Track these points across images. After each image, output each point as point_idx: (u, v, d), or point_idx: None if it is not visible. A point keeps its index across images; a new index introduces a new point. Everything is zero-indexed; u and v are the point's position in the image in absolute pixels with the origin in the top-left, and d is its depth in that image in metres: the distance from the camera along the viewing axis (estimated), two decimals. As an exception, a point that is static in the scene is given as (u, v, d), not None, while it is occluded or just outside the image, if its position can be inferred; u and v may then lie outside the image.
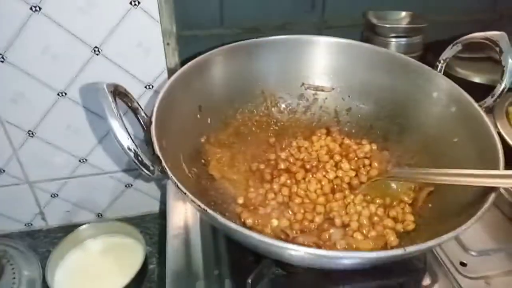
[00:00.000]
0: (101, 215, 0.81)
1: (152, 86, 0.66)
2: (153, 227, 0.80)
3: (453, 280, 0.47)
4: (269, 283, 0.45)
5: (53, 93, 0.63)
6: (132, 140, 0.36)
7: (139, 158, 0.37)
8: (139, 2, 0.57)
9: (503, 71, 0.47)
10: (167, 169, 0.38)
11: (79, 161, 0.72)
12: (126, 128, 0.36)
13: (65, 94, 0.63)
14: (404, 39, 0.70)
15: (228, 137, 0.57)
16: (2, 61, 0.58)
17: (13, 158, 0.69)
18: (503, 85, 0.47)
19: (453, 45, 0.53)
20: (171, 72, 0.64)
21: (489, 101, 0.48)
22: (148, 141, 0.42)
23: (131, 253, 0.69)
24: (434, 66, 0.55)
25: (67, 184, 0.75)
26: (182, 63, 0.65)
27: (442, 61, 0.54)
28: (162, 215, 0.81)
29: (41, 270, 0.67)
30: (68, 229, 0.74)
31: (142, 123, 0.45)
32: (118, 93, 0.40)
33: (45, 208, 0.77)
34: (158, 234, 0.79)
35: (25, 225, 0.79)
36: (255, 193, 0.50)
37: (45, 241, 0.77)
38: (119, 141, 0.35)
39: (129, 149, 0.36)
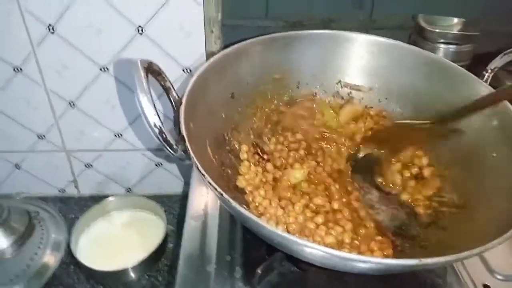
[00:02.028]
0: (130, 190, 0.84)
1: (190, 70, 0.67)
2: (177, 208, 0.82)
3: (472, 300, 0.45)
4: (278, 276, 0.44)
5: (96, 68, 0.65)
6: (159, 117, 0.37)
7: (164, 136, 0.37)
8: (184, -15, 0.58)
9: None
10: (190, 149, 0.38)
11: (115, 135, 0.75)
12: (154, 105, 0.36)
13: (107, 69, 0.66)
14: (453, 46, 0.66)
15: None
16: (52, 33, 0.61)
17: (54, 126, 0.73)
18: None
19: (504, 55, 0.50)
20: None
21: (535, 118, 0.45)
22: (176, 121, 0.43)
23: (153, 229, 0.71)
24: (480, 76, 0.52)
25: (101, 157, 0.78)
26: (224, 51, 0.65)
27: (489, 71, 0.51)
28: (187, 198, 0.83)
29: (67, 235, 0.71)
30: (98, 199, 0.77)
31: (173, 103, 0.46)
32: (152, 70, 0.41)
33: (79, 176, 0.81)
34: (181, 215, 0.80)
35: (59, 190, 0.83)
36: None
37: (75, 208, 0.81)
38: (146, 116, 0.36)
39: (155, 125, 0.36)
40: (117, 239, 0.70)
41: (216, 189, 0.35)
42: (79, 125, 0.73)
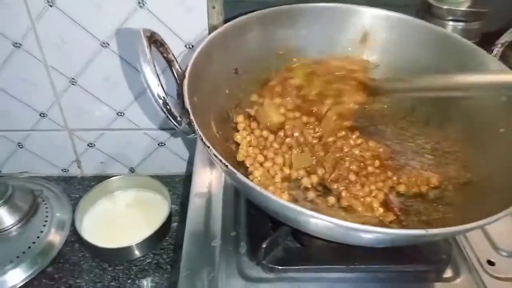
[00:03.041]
0: (133, 170, 0.84)
1: (192, 46, 0.65)
2: (181, 188, 0.82)
3: (477, 277, 0.44)
4: (283, 251, 0.44)
5: (96, 43, 0.64)
6: (163, 88, 0.36)
7: (168, 107, 0.37)
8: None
9: None
10: (194, 121, 0.37)
11: (117, 114, 0.74)
12: (157, 75, 0.36)
13: (108, 45, 0.64)
14: (461, 24, 0.65)
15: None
16: (51, 5, 0.59)
17: (55, 104, 0.72)
18: None
19: (514, 29, 0.48)
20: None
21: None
22: (180, 94, 0.42)
23: (157, 209, 0.71)
24: (489, 51, 0.51)
25: (103, 136, 0.77)
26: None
27: (499, 45, 0.50)
28: (190, 178, 0.83)
29: (71, 214, 0.71)
30: (101, 179, 0.76)
31: (176, 76, 0.45)
32: (154, 40, 0.40)
33: (82, 156, 0.81)
34: (184, 195, 0.80)
35: (62, 170, 0.83)
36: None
37: (78, 188, 0.81)
38: (150, 86, 0.35)
39: (159, 96, 0.36)
40: (121, 218, 0.70)
41: (220, 160, 0.34)
42: (80, 103, 0.72)
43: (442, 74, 0.54)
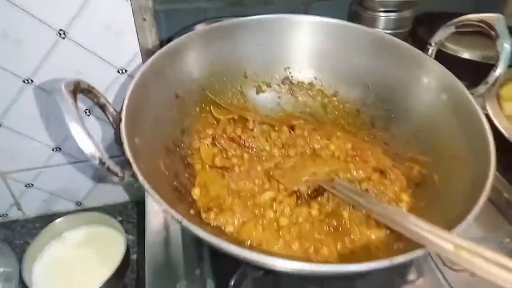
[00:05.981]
0: (80, 203, 0.78)
1: (126, 71, 0.61)
2: (134, 215, 0.78)
3: (438, 273, 0.46)
4: (252, 282, 0.43)
5: (19, 81, 0.58)
6: (96, 146, 0.32)
7: (106, 165, 0.33)
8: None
9: (497, 57, 0.44)
10: (139, 174, 0.35)
11: (52, 150, 0.68)
12: (88, 132, 0.32)
13: (32, 81, 0.59)
14: (394, 14, 0.67)
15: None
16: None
17: (-20, 149, 0.65)
18: (497, 73, 0.45)
19: (445, 27, 0.50)
20: (148, 52, 0.60)
21: (481, 88, 0.45)
22: (118, 140, 0.39)
23: (112, 245, 0.67)
24: (424, 49, 0.52)
25: (41, 174, 0.71)
26: (162, 41, 0.61)
27: (433, 44, 0.51)
28: (143, 202, 0.79)
29: (18, 265, 0.65)
30: (46, 218, 0.72)
31: (111, 120, 0.41)
32: (81, 90, 0.36)
33: (21, 198, 0.74)
34: (140, 221, 0.77)
35: (1, 216, 0.76)
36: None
37: (22, 232, 0.74)
38: (81, 147, 0.32)
39: (93, 156, 0.32)
40: (75, 261, 0.65)
41: (173, 216, 0.32)
42: (10, 145, 0.65)
43: (384, 76, 0.55)
